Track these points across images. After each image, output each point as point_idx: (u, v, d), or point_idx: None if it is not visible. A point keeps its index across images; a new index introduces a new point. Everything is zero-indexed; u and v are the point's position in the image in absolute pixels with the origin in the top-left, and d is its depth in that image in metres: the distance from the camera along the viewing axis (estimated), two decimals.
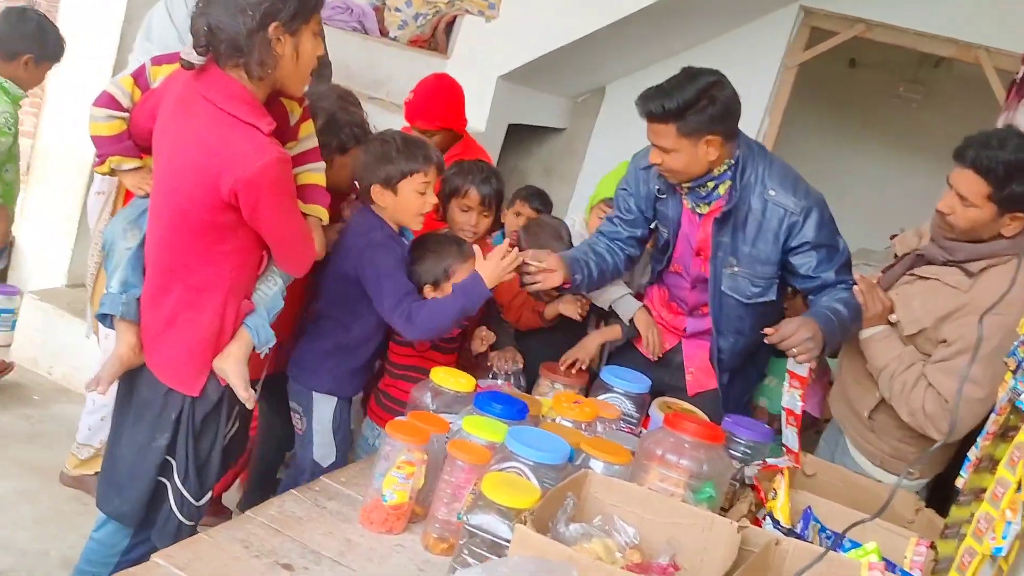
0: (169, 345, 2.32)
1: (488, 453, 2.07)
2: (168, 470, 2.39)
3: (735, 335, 2.83)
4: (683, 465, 2.05)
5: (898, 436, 2.63)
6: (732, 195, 2.66)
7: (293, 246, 2.34)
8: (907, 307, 2.56)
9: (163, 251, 2.30)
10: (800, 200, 2.65)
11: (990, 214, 2.38)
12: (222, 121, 2.16)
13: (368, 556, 1.97)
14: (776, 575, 1.78)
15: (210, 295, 2.30)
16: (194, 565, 1.77)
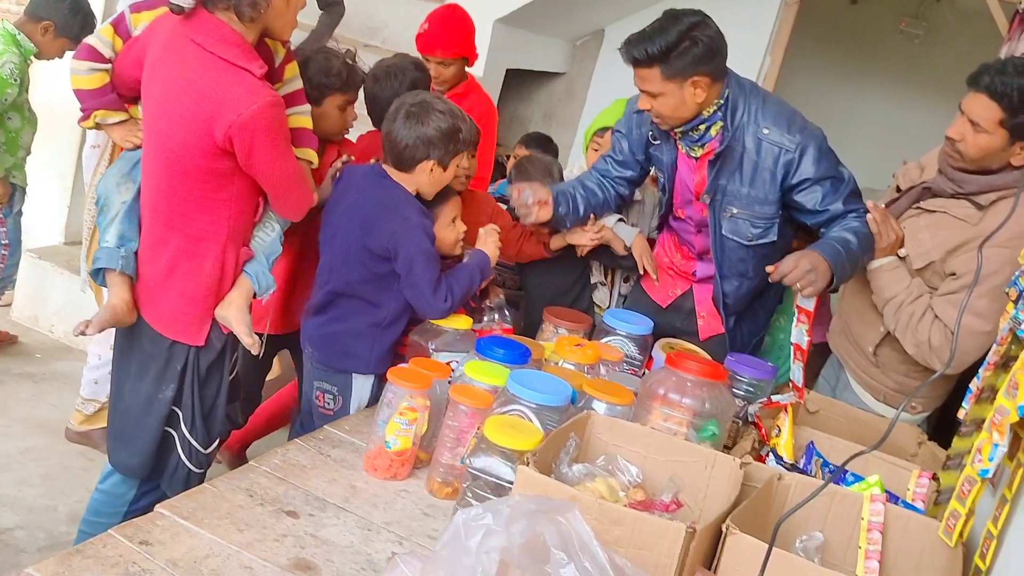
0: (169, 296, 2.32)
1: (490, 397, 2.07)
2: (174, 420, 2.41)
3: (739, 278, 2.81)
4: (686, 404, 2.05)
5: (903, 371, 2.62)
6: (724, 135, 2.62)
7: (289, 190, 2.31)
8: (915, 240, 2.53)
9: (160, 202, 2.28)
10: (795, 136, 2.60)
11: (1001, 141, 2.34)
12: (213, 65, 2.13)
13: (373, 502, 1.98)
14: (779, 509, 1.78)
15: (209, 244, 2.29)
16: (198, 514, 1.77)
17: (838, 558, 1.78)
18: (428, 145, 2.46)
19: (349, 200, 2.53)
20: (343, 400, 2.53)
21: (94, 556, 1.58)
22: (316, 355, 2.56)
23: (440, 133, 2.47)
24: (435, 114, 2.48)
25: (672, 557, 1.53)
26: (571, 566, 1.34)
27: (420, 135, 2.46)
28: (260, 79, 2.16)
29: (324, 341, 2.56)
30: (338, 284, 2.52)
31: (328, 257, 2.55)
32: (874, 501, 1.76)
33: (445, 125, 2.47)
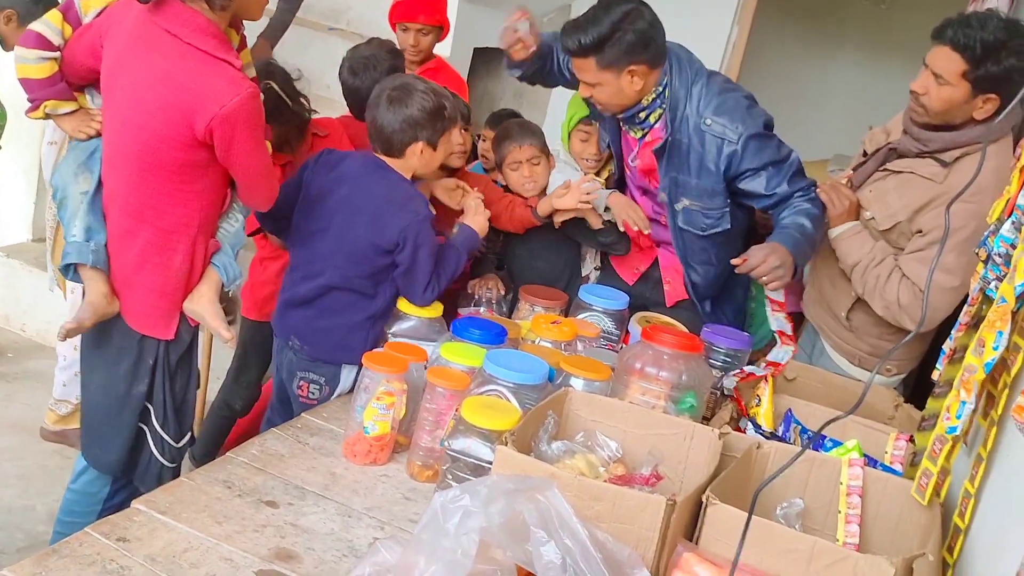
0: (138, 290, 2.28)
1: (467, 378, 2.06)
2: (146, 416, 2.37)
3: (704, 266, 2.81)
4: (663, 377, 2.05)
5: (876, 334, 2.64)
6: (667, 127, 2.61)
7: (262, 181, 2.29)
8: (882, 202, 2.54)
9: (130, 194, 2.23)
10: (737, 127, 2.57)
11: (963, 94, 2.36)
12: (191, 56, 2.10)
13: (353, 488, 1.97)
14: (759, 478, 1.78)
15: (180, 236, 2.26)
16: (176, 508, 1.76)
17: (819, 523, 1.79)
18: (415, 127, 2.43)
19: (345, 193, 2.47)
20: (329, 390, 2.51)
21: (71, 555, 1.56)
22: (306, 348, 2.51)
23: (425, 113, 2.44)
24: (418, 95, 2.45)
25: (653, 530, 1.53)
26: (551, 543, 1.33)
27: (406, 118, 2.43)
28: (239, 70, 2.14)
29: (317, 335, 2.50)
30: (334, 279, 2.46)
31: (321, 250, 2.48)
32: (852, 465, 1.77)
33: (430, 104, 2.44)
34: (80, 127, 2.37)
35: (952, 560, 1.65)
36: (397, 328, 2.42)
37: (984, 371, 1.45)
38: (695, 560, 1.46)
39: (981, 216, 2.17)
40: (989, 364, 1.45)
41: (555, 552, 1.33)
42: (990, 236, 1.76)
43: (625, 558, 1.44)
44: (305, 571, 1.64)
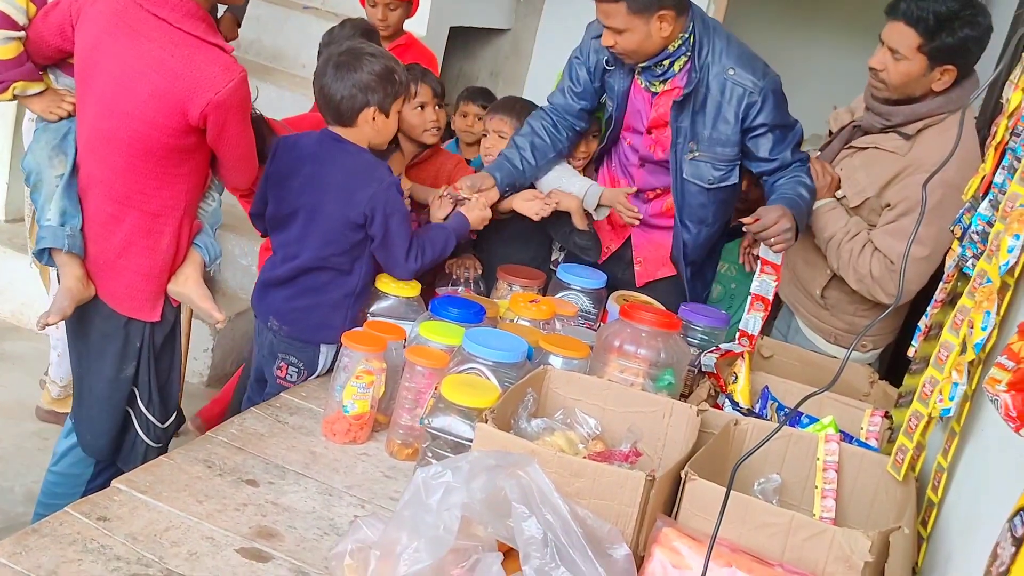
0: (124, 274, 2.27)
1: (446, 357, 2.06)
2: (131, 398, 2.37)
3: (698, 225, 2.80)
4: (641, 355, 2.06)
5: (851, 311, 2.67)
6: (691, 76, 2.61)
7: (246, 163, 2.29)
8: (851, 180, 2.58)
9: (115, 180, 2.21)
10: (759, 80, 2.61)
11: (920, 67, 2.40)
12: (183, 42, 2.09)
13: (333, 467, 1.97)
14: (737, 454, 1.80)
15: (167, 219, 2.26)
16: (156, 487, 1.75)
17: (796, 498, 1.81)
18: (365, 91, 2.37)
19: (308, 172, 2.42)
20: (308, 374, 2.49)
21: (51, 534, 1.56)
22: (285, 329, 2.48)
23: (375, 76, 2.38)
24: (366, 58, 2.40)
25: (633, 506, 1.54)
26: (532, 519, 1.34)
27: (355, 82, 2.37)
28: (229, 54, 2.14)
29: (296, 315, 2.46)
30: (309, 259, 2.42)
31: (295, 232, 2.44)
32: (828, 441, 1.79)
33: (379, 67, 2.39)
34: (51, 108, 2.32)
35: (926, 533, 1.67)
36: (376, 307, 2.42)
37: (974, 351, 1.47)
38: (674, 535, 1.48)
39: (948, 184, 2.20)
40: (979, 345, 1.46)
41: (536, 527, 1.34)
42: (966, 214, 1.78)
43: (605, 533, 1.46)
44: (287, 549, 1.65)
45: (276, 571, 1.58)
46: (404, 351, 2.12)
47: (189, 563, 1.56)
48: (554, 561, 1.32)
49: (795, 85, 5.57)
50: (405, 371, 2.08)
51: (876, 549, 1.42)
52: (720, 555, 1.42)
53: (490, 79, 5.56)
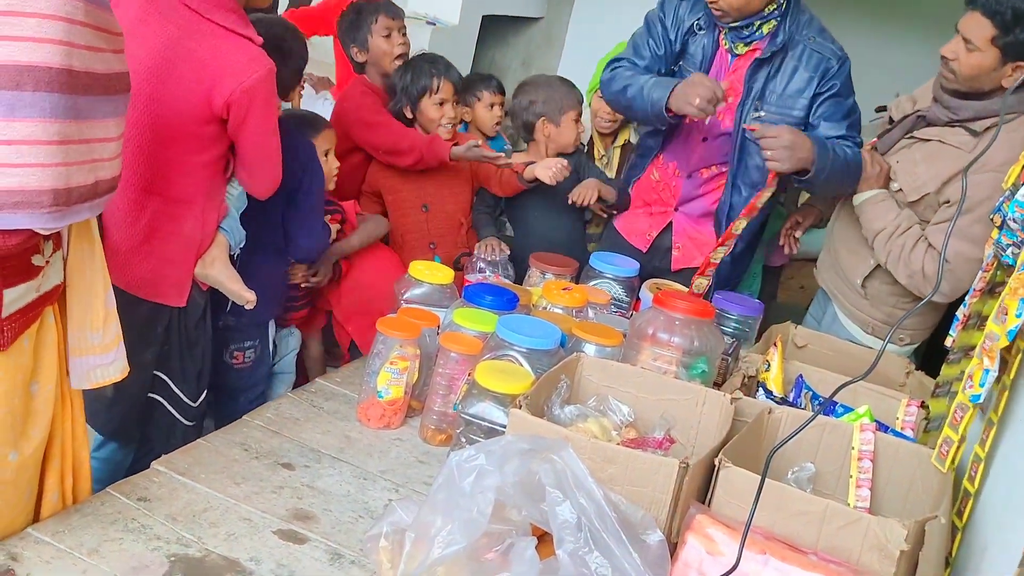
0: (148, 260, 2.28)
1: (479, 343, 2.07)
2: (161, 385, 2.40)
3: (749, 188, 2.78)
4: (675, 343, 2.06)
5: (891, 303, 2.64)
6: (778, 37, 2.67)
7: (266, 163, 2.30)
8: (911, 174, 2.54)
9: (139, 166, 2.22)
10: (838, 51, 2.70)
11: (992, 60, 2.36)
12: (212, 33, 2.12)
13: (368, 451, 1.99)
14: (770, 442, 1.79)
15: (188, 206, 2.27)
16: (194, 469, 1.78)
17: (830, 487, 1.80)
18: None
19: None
20: (262, 347, 2.56)
21: (93, 514, 1.59)
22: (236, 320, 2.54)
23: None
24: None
25: (666, 492, 1.54)
26: (567, 503, 1.35)
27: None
28: (259, 47, 2.16)
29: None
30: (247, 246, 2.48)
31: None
32: (864, 431, 1.78)
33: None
34: None
35: (961, 524, 1.66)
36: (409, 294, 2.43)
37: (1008, 338, 1.45)
38: (708, 522, 1.48)
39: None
40: (1012, 332, 1.45)
41: (570, 512, 1.34)
42: (1005, 202, 1.76)
43: (638, 520, 1.46)
44: (323, 531, 1.67)
45: (312, 553, 1.60)
46: (438, 338, 2.14)
47: (227, 543, 1.58)
48: (588, 546, 1.33)
49: None
50: (439, 357, 2.09)
51: (912, 538, 1.41)
52: (754, 542, 1.42)
53: (522, 68, 5.54)
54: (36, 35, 1.30)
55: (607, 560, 1.32)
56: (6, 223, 1.33)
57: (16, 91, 1.30)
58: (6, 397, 1.49)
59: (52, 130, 1.33)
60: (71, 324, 1.61)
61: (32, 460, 1.57)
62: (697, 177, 2.87)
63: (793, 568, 1.40)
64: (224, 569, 1.52)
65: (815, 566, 1.40)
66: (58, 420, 1.63)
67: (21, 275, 1.48)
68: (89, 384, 1.67)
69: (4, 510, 1.53)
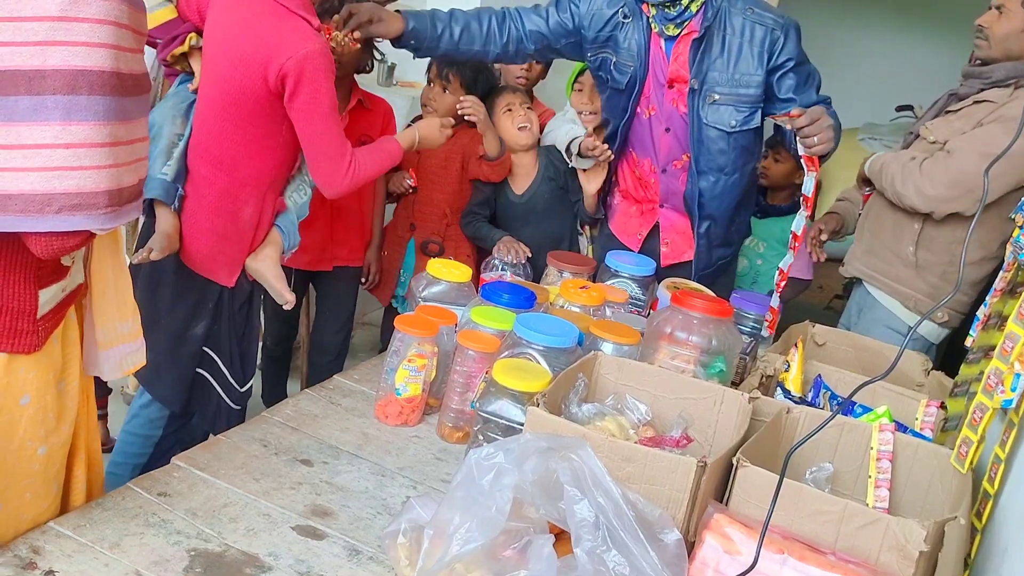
0: (208, 237, 2.40)
1: (497, 341, 2.08)
2: (209, 362, 2.48)
3: (716, 173, 2.77)
4: (692, 342, 2.06)
5: (938, 273, 2.67)
6: (707, 12, 2.60)
7: (320, 147, 2.34)
8: (948, 127, 2.62)
9: (212, 143, 2.35)
10: (779, 18, 2.63)
11: (1022, 21, 2.46)
12: (273, 11, 2.26)
13: (386, 448, 2.00)
14: (788, 442, 1.79)
15: (252, 189, 2.38)
16: (214, 465, 1.79)
17: (848, 488, 1.79)
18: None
19: None
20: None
21: (114, 508, 1.60)
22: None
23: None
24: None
25: (684, 491, 1.54)
26: (585, 502, 1.35)
27: None
28: (315, 29, 2.27)
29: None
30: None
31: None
32: (883, 431, 1.77)
33: None
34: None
35: (981, 525, 1.65)
36: (427, 292, 2.44)
37: None
38: (726, 521, 1.48)
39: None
40: None
41: (589, 510, 1.35)
42: None
43: (656, 518, 1.46)
44: (341, 527, 1.67)
45: (331, 548, 1.61)
46: (455, 335, 2.14)
47: (247, 539, 1.59)
48: (606, 544, 1.33)
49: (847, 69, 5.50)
50: (456, 355, 2.10)
51: (931, 539, 1.40)
52: (772, 542, 1.42)
53: None
54: (89, 40, 1.31)
55: (625, 558, 1.32)
56: (66, 225, 1.35)
57: (72, 95, 1.31)
58: (38, 394, 1.51)
59: (105, 132, 1.35)
60: (100, 318, 1.63)
61: (60, 454, 1.60)
62: (672, 170, 2.86)
63: (812, 568, 1.39)
64: (243, 564, 1.53)
65: (834, 566, 1.39)
66: (82, 414, 1.66)
67: (53, 276, 1.51)
68: (122, 372, 1.71)
69: (34, 502, 1.56)
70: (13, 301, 1.45)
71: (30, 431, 1.51)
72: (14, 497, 1.53)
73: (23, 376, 1.49)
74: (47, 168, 1.31)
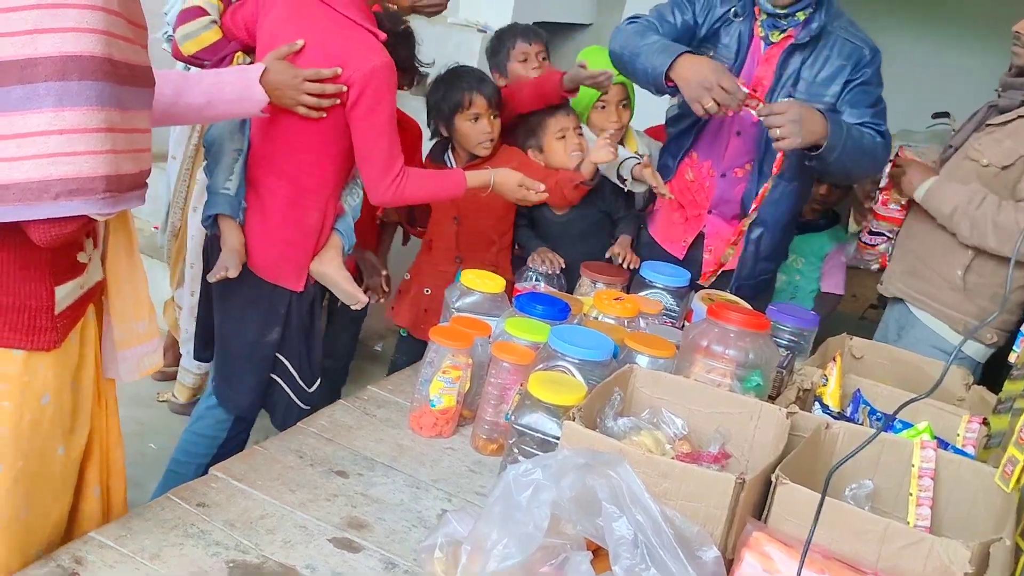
0: (275, 244, 2.46)
1: (531, 353, 2.07)
2: (281, 367, 2.54)
3: (778, 179, 2.76)
4: (729, 355, 2.04)
5: (988, 296, 2.63)
6: (812, 23, 2.66)
7: (376, 160, 2.37)
8: (997, 147, 2.55)
9: (277, 154, 2.42)
10: (870, 41, 2.71)
11: None
12: (340, 23, 2.31)
13: (420, 460, 2.00)
14: (827, 458, 1.77)
15: (316, 197, 2.44)
16: (251, 476, 1.80)
17: (888, 505, 1.77)
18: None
19: None
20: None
21: (153, 519, 1.62)
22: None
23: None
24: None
25: (722, 508, 1.53)
26: (623, 519, 1.34)
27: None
28: (380, 41, 2.32)
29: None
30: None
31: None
32: (924, 448, 1.75)
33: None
34: None
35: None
36: (461, 303, 2.44)
37: None
38: (765, 539, 1.46)
39: None
40: None
41: (627, 527, 1.34)
42: None
43: (694, 535, 1.45)
44: (376, 540, 1.68)
45: (367, 561, 1.61)
46: (489, 347, 2.14)
47: (284, 550, 1.60)
48: (644, 562, 1.32)
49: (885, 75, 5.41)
50: (490, 367, 2.09)
51: (976, 560, 1.38)
52: (813, 561, 1.40)
53: None
54: (78, 25, 1.32)
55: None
56: (64, 210, 1.35)
57: (63, 81, 1.31)
58: (56, 393, 1.53)
59: (99, 118, 1.35)
60: (116, 318, 1.65)
61: (76, 454, 1.63)
62: (731, 176, 2.85)
63: None
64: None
65: None
66: (100, 418, 1.68)
67: (68, 273, 1.52)
68: (139, 373, 1.73)
69: (52, 503, 1.58)
70: (31, 299, 1.47)
71: (50, 431, 1.53)
72: (39, 499, 1.55)
73: (43, 374, 1.50)
74: (42, 155, 1.32)
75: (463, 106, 2.93)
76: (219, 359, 2.62)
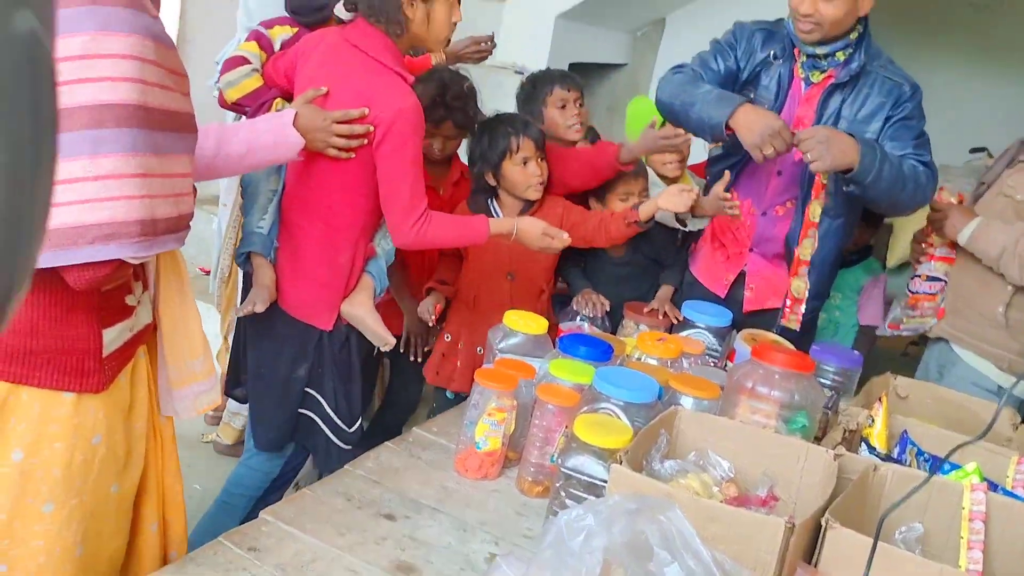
0: (305, 283, 2.51)
1: (576, 395, 2.09)
2: (313, 403, 2.56)
3: (823, 216, 2.77)
4: (774, 396, 2.04)
5: None
6: (852, 63, 2.70)
7: (399, 201, 2.39)
8: None
9: (310, 194, 2.47)
10: (910, 78, 2.73)
11: None
12: (370, 67, 2.36)
13: (466, 502, 2.01)
14: (876, 501, 1.76)
15: (346, 235, 2.49)
16: (300, 519, 1.83)
17: (939, 549, 1.75)
18: None
19: None
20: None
21: (207, 563, 1.64)
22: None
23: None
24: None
25: (772, 553, 1.52)
26: (675, 565, 1.35)
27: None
28: (408, 84, 2.37)
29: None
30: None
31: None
32: (975, 490, 1.73)
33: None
34: None
35: None
36: (504, 344, 2.47)
37: None
38: None
39: None
40: None
41: (679, 573, 1.34)
42: None
43: None
44: None
45: None
46: (534, 388, 2.16)
47: None
48: None
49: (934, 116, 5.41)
50: (535, 409, 2.11)
51: None
52: None
53: (607, 114, 5.59)
54: (112, 74, 1.36)
55: None
56: (99, 255, 1.39)
57: (98, 129, 1.36)
58: (109, 433, 1.57)
59: (134, 163, 1.39)
60: (171, 357, 1.69)
61: (130, 492, 1.66)
62: (772, 214, 2.86)
63: None
64: None
65: None
66: (151, 453, 1.71)
67: (117, 315, 1.56)
68: (196, 412, 1.77)
69: (107, 540, 1.62)
70: (79, 342, 1.51)
71: (103, 470, 1.57)
72: (93, 536, 1.58)
73: (94, 416, 1.54)
74: (78, 201, 1.36)
75: (511, 151, 2.86)
76: (252, 398, 2.67)
